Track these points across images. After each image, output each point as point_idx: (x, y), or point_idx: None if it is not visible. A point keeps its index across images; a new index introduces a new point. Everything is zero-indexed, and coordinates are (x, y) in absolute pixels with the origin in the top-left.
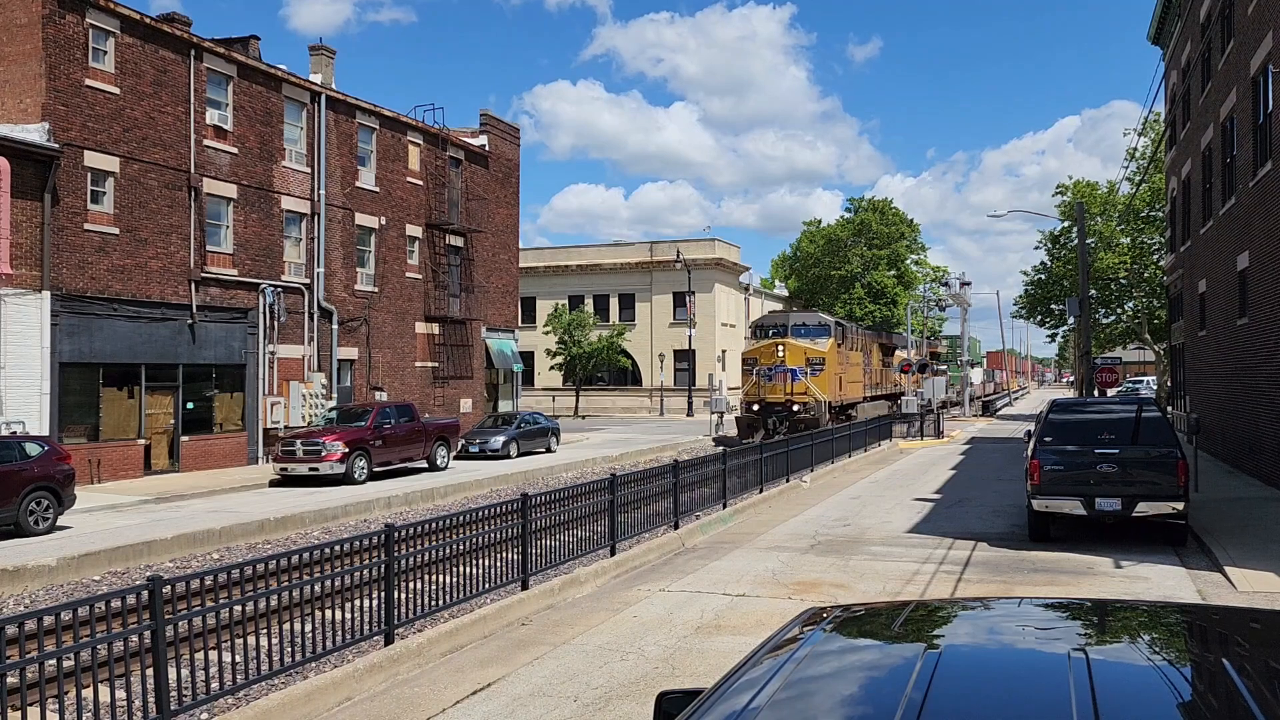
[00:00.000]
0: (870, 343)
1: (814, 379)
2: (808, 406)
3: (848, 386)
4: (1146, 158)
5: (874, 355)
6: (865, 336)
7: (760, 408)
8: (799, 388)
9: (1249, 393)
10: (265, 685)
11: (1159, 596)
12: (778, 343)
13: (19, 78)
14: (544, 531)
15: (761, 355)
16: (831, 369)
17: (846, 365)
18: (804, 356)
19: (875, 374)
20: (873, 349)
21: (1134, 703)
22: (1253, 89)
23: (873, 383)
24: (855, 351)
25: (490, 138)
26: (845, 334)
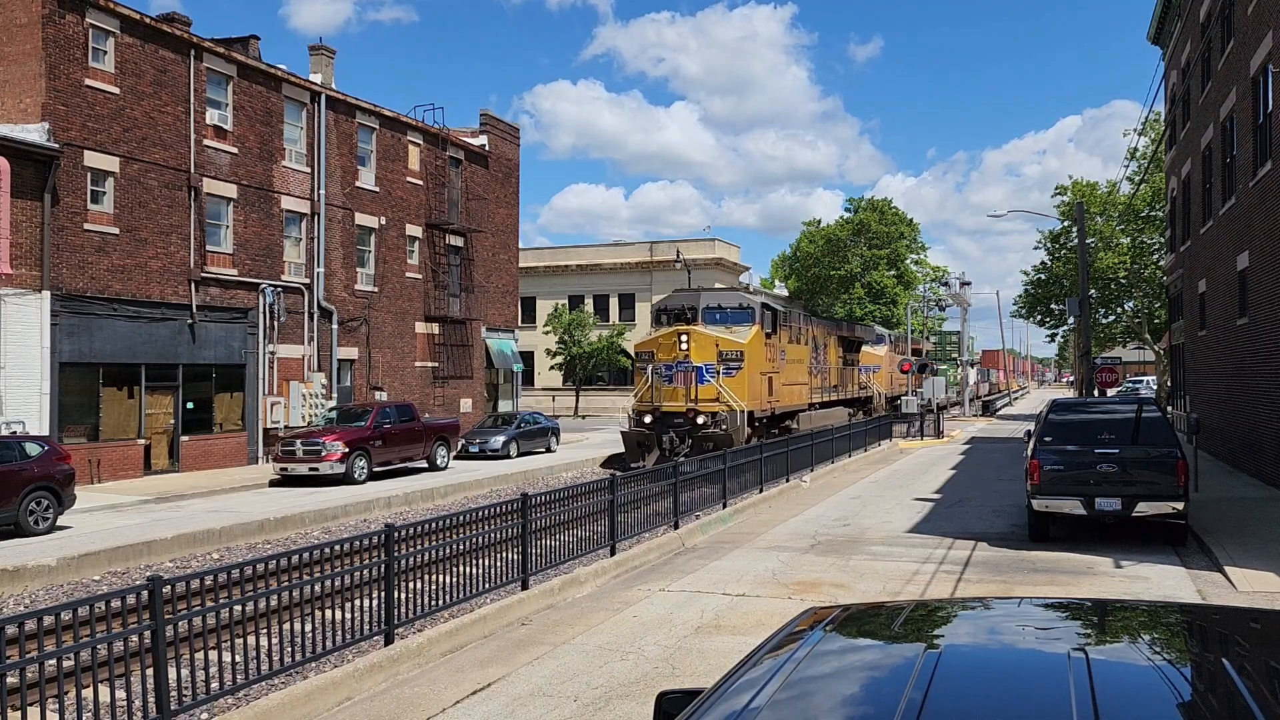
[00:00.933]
0: (825, 335)
1: (728, 380)
2: (717, 418)
3: (783, 390)
4: (1146, 158)
5: (829, 350)
6: (818, 326)
7: (654, 419)
8: (706, 392)
9: (1249, 393)
10: (265, 685)
11: (1159, 596)
12: (680, 331)
13: (19, 78)
14: (544, 531)
15: (659, 348)
16: (754, 367)
17: (781, 362)
18: (715, 350)
19: (830, 374)
20: (828, 343)
21: (1134, 703)
22: (1253, 89)
23: (826, 384)
24: (798, 344)
25: (490, 138)
26: (779, 320)
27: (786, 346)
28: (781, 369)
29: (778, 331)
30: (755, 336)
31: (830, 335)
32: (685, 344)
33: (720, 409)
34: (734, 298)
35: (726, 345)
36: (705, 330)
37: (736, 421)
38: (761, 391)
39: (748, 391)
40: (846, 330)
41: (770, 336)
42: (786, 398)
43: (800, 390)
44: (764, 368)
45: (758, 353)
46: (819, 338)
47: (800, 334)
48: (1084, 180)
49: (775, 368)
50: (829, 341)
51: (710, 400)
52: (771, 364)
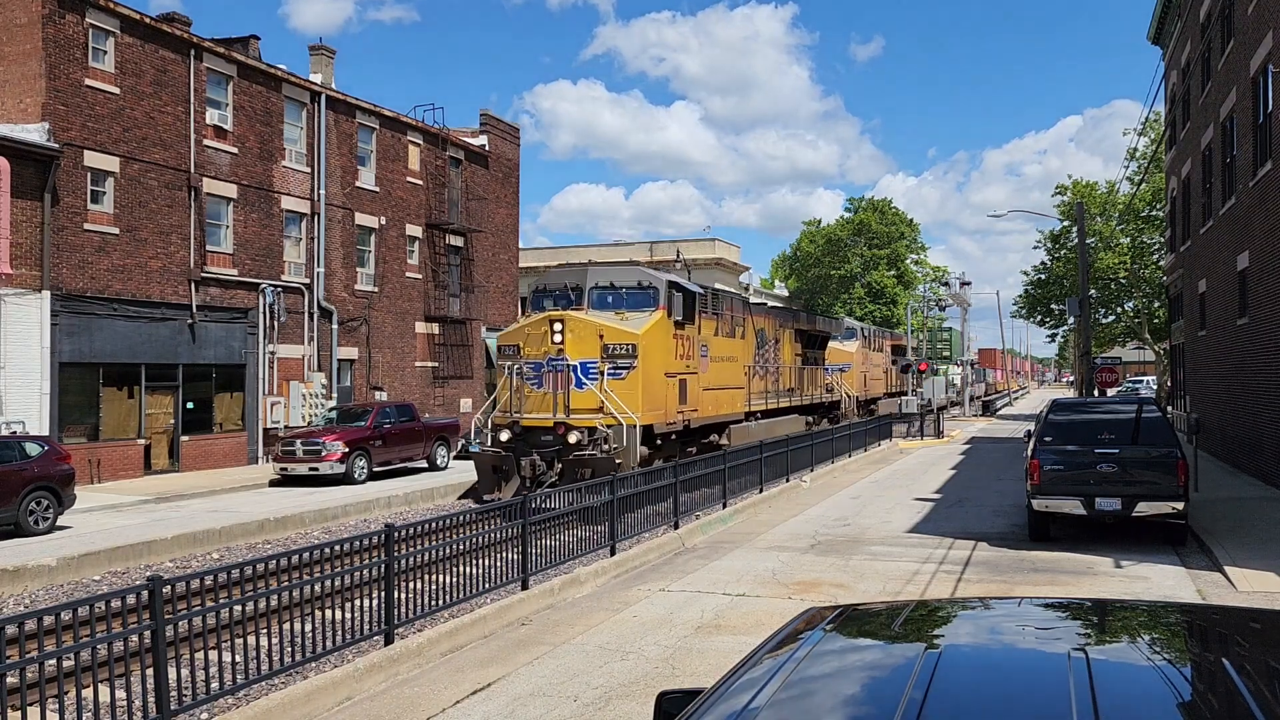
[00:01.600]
0: (776, 327)
1: (615, 384)
2: (595, 435)
3: (704, 397)
4: (1146, 158)
5: (783, 347)
6: (765, 317)
7: (513, 437)
8: (583, 401)
9: (1249, 392)
10: (265, 685)
11: (1159, 596)
12: (552, 319)
13: (19, 78)
14: (544, 531)
15: (527, 341)
16: (655, 365)
17: (702, 360)
18: (599, 343)
19: (783, 374)
20: (780, 337)
21: (1134, 703)
22: (1253, 89)
23: (776, 387)
24: (733, 338)
25: (490, 137)
26: (697, 306)
27: (712, 340)
28: (703, 369)
29: (696, 320)
30: (656, 326)
31: (784, 328)
32: (559, 335)
33: (602, 422)
34: (631, 274)
35: (614, 337)
36: (587, 317)
37: (625, 439)
38: (666, 398)
39: (643, 398)
40: (806, 322)
41: (683, 326)
42: (710, 406)
43: (733, 396)
44: (672, 367)
45: (660, 347)
46: (767, 330)
47: (737, 325)
48: (1084, 180)
49: (690, 367)
50: (782, 336)
51: (589, 411)
52: (684, 362)
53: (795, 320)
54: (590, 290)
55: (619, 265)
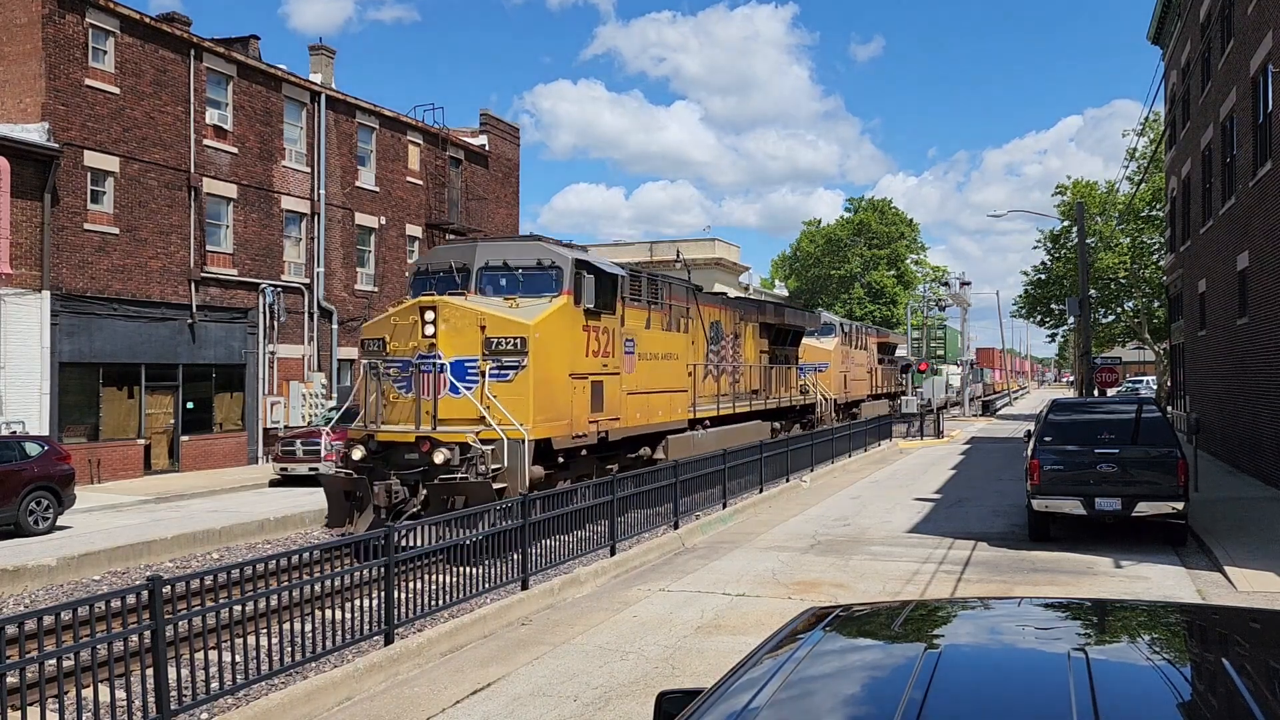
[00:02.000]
0: (735, 320)
1: (501, 387)
2: (470, 454)
3: (632, 403)
4: (1146, 158)
5: (744, 343)
6: (721, 308)
7: (367, 455)
8: (456, 410)
9: (1249, 392)
10: (265, 685)
11: (1159, 596)
12: (424, 306)
13: (19, 78)
14: (544, 531)
15: (394, 334)
16: (551, 365)
17: (629, 359)
18: (479, 336)
19: (742, 375)
20: (742, 332)
21: (1134, 703)
22: (1252, 89)
23: (734, 389)
24: (670, 332)
25: (490, 137)
26: (615, 290)
27: (642, 334)
28: (628, 368)
29: (618, 309)
30: (557, 315)
31: (746, 322)
32: (430, 326)
33: (479, 437)
34: (529, 250)
35: (499, 329)
36: (466, 303)
37: (508, 457)
38: (570, 405)
39: (535, 405)
40: (773, 315)
41: (597, 316)
42: (639, 413)
43: (673, 402)
44: (580, 366)
45: (562, 341)
46: (724, 324)
47: (680, 317)
48: (1084, 180)
49: (610, 366)
50: (744, 330)
51: (466, 422)
52: (600, 360)
53: (761, 313)
54: (479, 271)
55: (517, 241)
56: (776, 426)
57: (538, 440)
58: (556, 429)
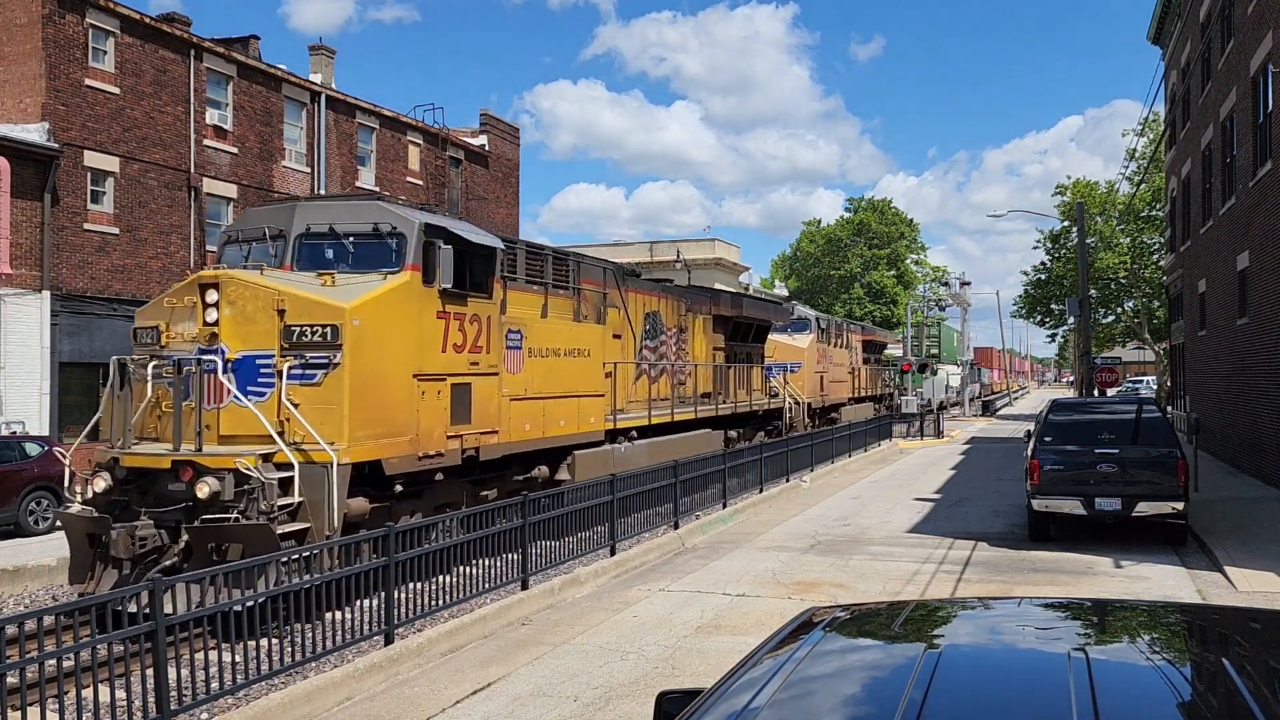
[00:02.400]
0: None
1: (305, 393)
2: (249, 484)
3: (515, 411)
4: (1146, 158)
5: (693, 338)
6: (656, 295)
7: (112, 486)
8: (240, 423)
9: (1249, 392)
10: (265, 685)
11: (1159, 596)
12: (205, 283)
13: (19, 78)
14: (544, 531)
15: (171, 321)
16: (380, 361)
17: (513, 355)
18: (276, 324)
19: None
20: (692, 326)
21: (1134, 703)
22: (1253, 89)
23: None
24: (580, 322)
25: (490, 138)
26: (491, 267)
27: (535, 324)
28: (513, 367)
29: (496, 291)
30: (390, 296)
31: (694, 314)
32: (212, 310)
33: (266, 462)
34: (364, 212)
35: (302, 313)
36: (262, 280)
37: (309, 489)
38: (420, 415)
39: (353, 417)
40: (729, 307)
41: (462, 300)
42: (533, 424)
43: (584, 408)
44: (435, 364)
45: (402, 330)
46: (664, 315)
47: (595, 305)
48: (1084, 180)
49: (484, 364)
50: (692, 324)
51: (256, 439)
52: (466, 356)
53: (714, 303)
54: (298, 238)
55: (351, 200)
56: (733, 435)
57: (359, 464)
58: (390, 447)
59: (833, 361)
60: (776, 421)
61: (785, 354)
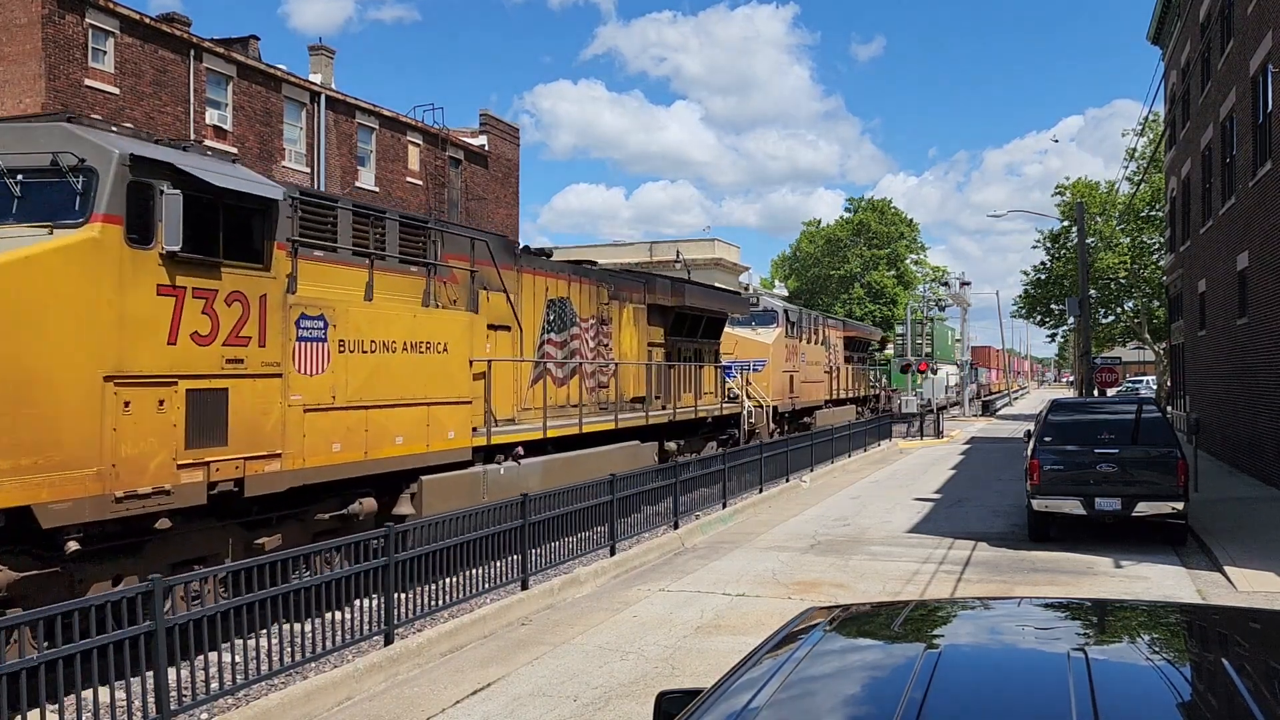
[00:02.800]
0: (600, 299)
1: None
2: None
3: (305, 427)
4: (1146, 157)
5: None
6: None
7: None
8: None
9: (1249, 393)
10: (265, 685)
11: (1159, 596)
12: None
13: (19, 78)
14: (544, 531)
15: None
16: (31, 354)
17: (304, 350)
18: None
19: (606, 375)
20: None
21: (1134, 703)
22: (1252, 88)
23: (592, 397)
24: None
25: (490, 138)
26: (246, 223)
27: (354, 309)
28: (310, 365)
29: (271, 259)
30: (51, 259)
31: (623, 303)
32: None
33: None
34: (43, 138)
35: None
36: None
37: None
38: (119, 437)
39: None
40: (669, 294)
41: (214, 271)
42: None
43: (435, 420)
44: (153, 361)
45: (71, 310)
46: (576, 302)
47: (462, 285)
48: (1084, 180)
49: (256, 362)
50: (620, 314)
51: None
52: (225, 351)
53: (650, 291)
54: None
55: (28, 123)
56: (673, 448)
57: None
58: (50, 486)
59: (806, 359)
60: (733, 429)
61: (747, 350)
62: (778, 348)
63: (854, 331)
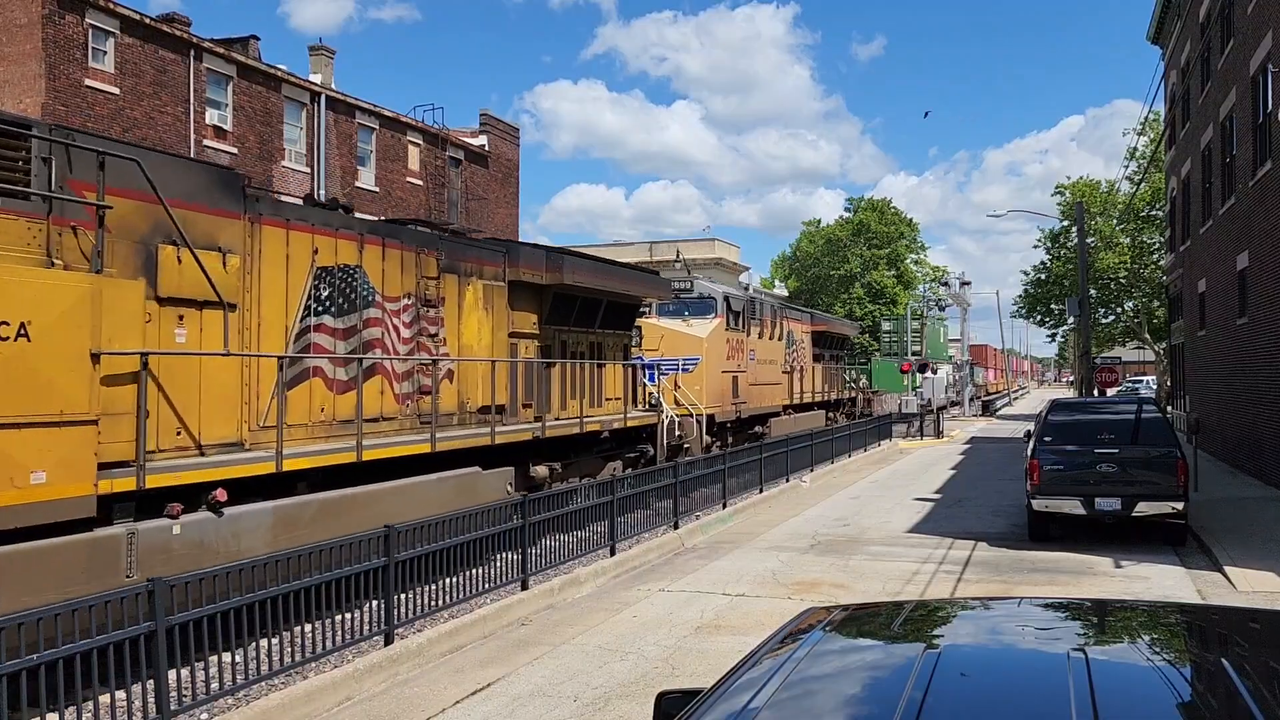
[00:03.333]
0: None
1: None
2: None
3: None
4: (1146, 157)
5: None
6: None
7: None
8: None
9: (1249, 392)
10: (265, 685)
11: (1159, 596)
12: None
13: (19, 78)
14: (544, 531)
15: None
16: None
17: None
18: None
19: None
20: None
21: (1133, 702)
22: (1252, 88)
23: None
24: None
25: (490, 138)
26: None
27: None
28: None
29: None
30: None
31: (468, 280)
32: None
33: None
34: None
35: None
36: None
37: None
38: None
39: None
40: (540, 269)
41: None
42: None
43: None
44: None
45: None
46: (376, 275)
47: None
48: (1084, 179)
49: None
50: (460, 294)
51: None
52: None
53: (512, 263)
54: None
55: None
56: (542, 473)
57: None
58: None
59: (757, 357)
60: (645, 445)
61: (676, 346)
62: (716, 342)
63: (824, 326)
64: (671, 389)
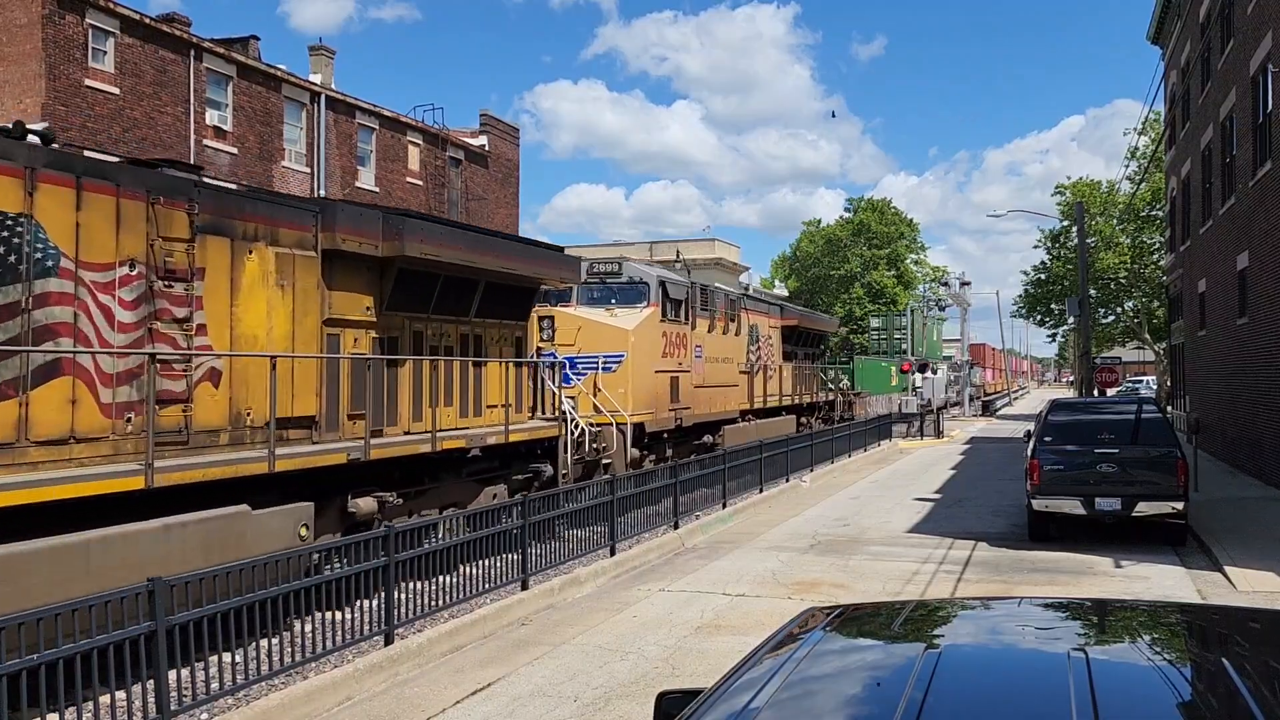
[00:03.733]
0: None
1: None
2: None
3: None
4: (1146, 157)
5: (254, 297)
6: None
7: None
8: None
9: (1249, 392)
10: (265, 685)
11: (1159, 596)
12: None
13: (19, 78)
14: (544, 531)
15: None
16: None
17: None
18: None
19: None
20: (244, 275)
21: (1134, 702)
22: (1252, 88)
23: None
24: None
25: (490, 138)
26: None
27: None
28: None
29: None
30: None
31: (253, 244)
32: None
33: None
34: None
35: None
36: None
37: None
38: None
39: None
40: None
41: None
42: None
43: None
44: None
45: None
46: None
47: None
48: (1084, 179)
49: None
50: (229, 263)
51: None
52: None
53: (329, 227)
54: None
55: None
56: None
57: None
58: None
59: (705, 354)
60: (541, 464)
61: (596, 340)
62: (647, 336)
63: (793, 319)
64: (590, 394)
